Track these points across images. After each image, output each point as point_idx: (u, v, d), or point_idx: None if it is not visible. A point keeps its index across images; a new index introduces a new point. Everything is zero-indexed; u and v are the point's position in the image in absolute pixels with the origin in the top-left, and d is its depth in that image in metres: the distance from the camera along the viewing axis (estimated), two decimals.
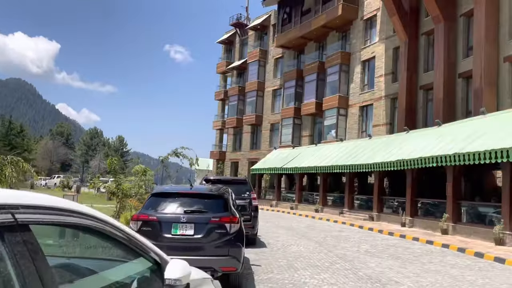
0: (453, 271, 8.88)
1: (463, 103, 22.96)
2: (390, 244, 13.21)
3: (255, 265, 8.44)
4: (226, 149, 49.70)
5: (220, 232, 6.00)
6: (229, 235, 6.00)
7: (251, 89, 44.21)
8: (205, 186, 7.71)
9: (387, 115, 28.54)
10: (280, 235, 14.11)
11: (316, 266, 8.62)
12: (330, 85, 34.06)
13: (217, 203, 6.31)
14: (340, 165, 24.01)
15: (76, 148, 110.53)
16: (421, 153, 17.80)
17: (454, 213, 16.37)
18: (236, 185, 11.14)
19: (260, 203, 34.51)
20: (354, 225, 19.27)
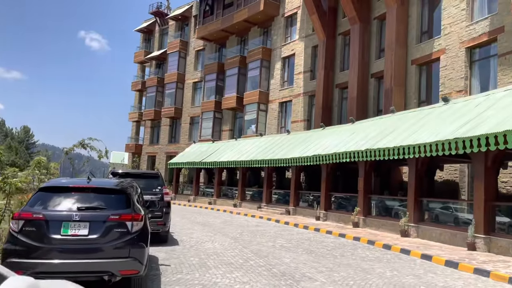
0: (364, 264, 9.02)
1: (374, 102, 24.13)
2: (305, 238, 13.29)
3: (164, 265, 7.81)
4: (143, 142, 47.71)
5: (120, 231, 5.31)
6: (131, 235, 5.35)
7: (170, 81, 42.78)
8: (105, 180, 6.91)
9: (305, 112, 29.18)
10: (195, 231, 13.55)
11: (230, 264, 8.23)
12: (251, 80, 34.05)
13: (118, 199, 5.60)
14: (259, 160, 23.99)
15: None
16: (336, 148, 18.28)
17: (364, 207, 17.02)
18: (147, 179, 10.37)
19: (178, 199, 33.67)
20: (271, 219, 19.31)
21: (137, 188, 6.63)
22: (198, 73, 41.00)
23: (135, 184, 6.67)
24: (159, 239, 10.56)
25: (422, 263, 9.65)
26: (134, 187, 6.24)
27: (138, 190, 6.85)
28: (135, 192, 6.17)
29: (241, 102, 34.14)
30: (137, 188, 6.63)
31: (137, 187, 6.66)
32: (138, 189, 6.82)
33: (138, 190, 6.79)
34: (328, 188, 19.89)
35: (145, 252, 5.45)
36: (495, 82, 17.17)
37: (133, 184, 6.35)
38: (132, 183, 6.47)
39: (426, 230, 13.73)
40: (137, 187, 6.76)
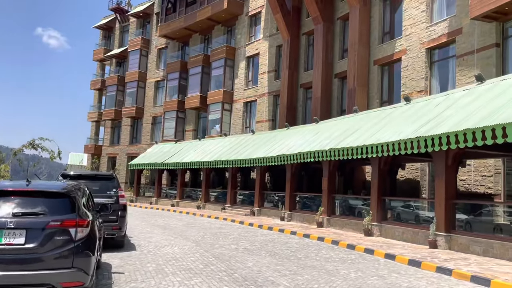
0: (328, 266, 8.81)
1: (338, 102, 24.25)
2: (269, 239, 13.00)
3: (118, 273, 7.28)
4: (103, 143, 46.13)
5: (62, 239, 4.79)
6: (74, 242, 4.83)
7: (131, 80, 41.57)
8: (47, 183, 6.31)
9: (270, 112, 29.00)
10: (154, 235, 12.98)
11: (189, 270, 7.79)
12: (215, 79, 33.55)
13: (61, 203, 5.06)
14: (223, 160, 23.56)
15: None
16: (300, 148, 18.14)
17: (328, 206, 16.96)
18: (100, 181, 9.74)
19: (140, 201, 32.69)
20: (235, 221, 18.93)
21: (85, 190, 6.09)
22: (161, 72, 40.06)
23: (83, 187, 6.13)
24: (114, 245, 9.97)
25: (386, 262, 9.56)
26: (81, 190, 5.71)
27: (87, 193, 6.31)
28: (82, 195, 5.64)
29: (204, 102, 33.58)
30: (85, 190, 6.09)
31: (85, 190, 6.12)
32: (86, 192, 6.27)
33: (86, 193, 6.25)
34: (293, 188, 19.74)
35: (91, 261, 4.94)
36: (453, 83, 17.55)
37: (80, 187, 5.81)
38: (80, 185, 5.92)
39: (389, 229, 13.77)
40: (85, 190, 6.21)
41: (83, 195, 5.64)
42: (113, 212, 9.54)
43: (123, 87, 43.11)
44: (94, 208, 7.13)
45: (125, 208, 9.76)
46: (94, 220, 5.84)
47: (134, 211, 24.24)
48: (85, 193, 5.95)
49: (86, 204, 6.31)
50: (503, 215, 12.48)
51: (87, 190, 6.43)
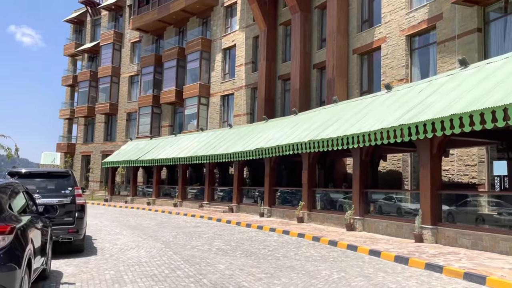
0: (309, 266, 8.04)
1: (317, 93, 23.56)
2: (246, 237, 12.18)
3: (67, 284, 6.33)
4: (76, 141, 44.48)
5: None
6: None
7: (104, 75, 40.07)
8: None
9: (248, 105, 28.15)
10: (122, 236, 11.99)
11: (152, 276, 6.89)
12: (190, 72, 32.48)
13: None
14: (199, 156, 22.61)
15: None
16: (278, 141, 17.36)
17: (309, 201, 16.25)
18: (54, 178, 8.72)
19: (114, 200, 31.39)
20: (212, 218, 18.05)
21: (14, 190, 5.11)
22: (135, 66, 38.70)
23: (15, 186, 5.14)
24: (72, 249, 8.98)
25: (371, 260, 8.86)
26: (8, 190, 4.73)
27: (19, 193, 5.32)
28: (9, 197, 4.67)
29: (180, 96, 32.49)
30: (14, 190, 5.11)
31: (15, 190, 5.13)
32: (18, 191, 5.29)
33: (18, 193, 5.27)
34: (272, 183, 18.97)
35: (16, 276, 4.01)
36: (435, 70, 17.02)
37: (7, 186, 4.83)
38: (8, 184, 4.94)
39: (372, 222, 13.13)
40: (17, 190, 5.23)
41: (10, 196, 4.68)
42: (69, 214, 8.54)
43: (96, 83, 41.58)
44: (36, 210, 6.16)
45: (83, 208, 8.76)
46: (29, 225, 4.90)
47: (107, 210, 23.10)
48: (14, 193, 4.98)
49: (24, 206, 5.36)
50: (487, 205, 11.96)
51: (21, 189, 5.45)
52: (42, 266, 6.04)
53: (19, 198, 5.23)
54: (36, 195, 8.31)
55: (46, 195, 8.38)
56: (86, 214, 9.03)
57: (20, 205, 5.23)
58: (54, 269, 7.33)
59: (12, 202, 4.73)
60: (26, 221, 4.86)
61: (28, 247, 4.45)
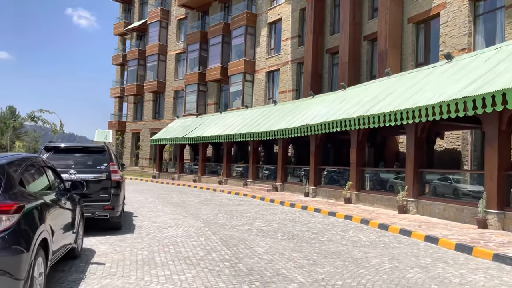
0: (356, 252, 7.29)
1: (368, 67, 22.18)
2: (289, 218, 11.56)
3: (97, 264, 6.01)
4: (127, 119, 45.51)
5: None
6: None
7: (152, 53, 40.32)
8: None
9: (293, 81, 27.18)
10: (163, 214, 11.76)
11: (185, 259, 6.44)
12: (235, 48, 31.82)
13: None
14: (243, 133, 22.13)
15: None
16: (325, 117, 16.44)
17: (357, 181, 15.32)
18: (90, 154, 8.45)
19: (162, 177, 31.80)
20: (256, 197, 17.59)
21: (33, 165, 4.70)
22: (181, 44, 38.58)
23: (32, 161, 4.72)
24: (109, 227, 8.77)
25: (427, 247, 7.95)
26: (22, 165, 4.31)
27: (38, 167, 4.93)
28: (23, 172, 4.25)
29: (226, 73, 32.02)
30: (33, 165, 4.70)
31: (33, 164, 4.72)
32: (38, 166, 4.89)
33: (38, 168, 4.89)
34: (318, 162, 18.14)
35: (22, 260, 3.60)
36: (502, 37, 15.25)
37: (21, 161, 4.40)
38: (24, 158, 4.52)
39: (427, 205, 12.06)
40: (36, 164, 4.82)
41: (23, 172, 4.26)
42: (105, 190, 8.27)
43: (144, 61, 42.00)
44: (63, 186, 5.83)
45: (119, 185, 8.46)
46: (47, 203, 4.50)
47: (154, 187, 23.34)
48: (30, 169, 4.56)
49: (45, 182, 4.99)
50: None
51: (41, 164, 5.06)
52: (70, 245, 5.73)
53: (38, 174, 4.85)
54: (72, 171, 8.10)
55: (81, 170, 8.15)
56: (122, 191, 8.75)
57: (40, 181, 4.87)
58: (88, 247, 7.09)
59: (27, 178, 4.34)
60: (43, 199, 4.46)
61: (41, 227, 4.04)
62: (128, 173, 36.30)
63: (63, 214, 5.24)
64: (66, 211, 5.45)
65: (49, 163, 5.44)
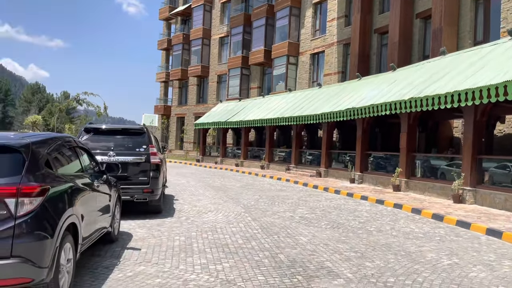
0: (409, 245, 6.67)
1: (419, 46, 20.85)
2: (334, 205, 11.01)
3: (133, 249, 5.80)
4: (172, 103, 46.11)
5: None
6: (14, 220, 3.26)
7: (196, 37, 40.33)
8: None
9: (339, 63, 26.16)
10: (204, 198, 11.56)
11: (223, 246, 6.12)
12: (279, 30, 31.06)
13: (5, 161, 3.48)
14: (286, 117, 21.58)
15: (16, 105, 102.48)
16: (373, 100, 15.57)
17: (407, 167, 14.44)
18: (129, 136, 8.28)
19: (205, 161, 31.95)
20: (298, 182, 17.10)
21: (63, 145, 4.44)
22: (225, 27, 38.26)
23: (62, 141, 4.46)
24: (149, 210, 8.63)
25: (489, 241, 7.18)
26: (50, 145, 4.04)
27: (69, 148, 4.69)
28: (50, 152, 4.01)
29: (269, 56, 31.41)
30: (63, 145, 4.44)
31: (63, 145, 4.46)
32: (68, 147, 4.65)
33: (69, 148, 4.66)
34: (365, 147, 17.32)
35: (46, 246, 3.36)
36: None
37: (48, 140, 4.14)
38: (52, 138, 4.26)
39: (487, 195, 11.09)
40: (66, 145, 4.55)
41: (51, 152, 4.00)
42: (144, 173, 8.10)
43: (188, 46, 42.14)
44: (98, 168, 5.62)
45: (158, 168, 8.26)
46: (77, 186, 4.26)
47: (197, 171, 23.41)
48: (59, 149, 4.32)
49: (77, 164, 4.77)
50: None
51: (73, 145, 4.81)
52: (105, 230, 5.55)
53: (68, 155, 4.62)
54: (111, 153, 7.97)
55: (120, 153, 8.00)
56: (161, 174, 8.55)
57: (70, 163, 4.64)
58: (125, 231, 6.94)
59: (55, 159, 4.10)
60: (73, 181, 4.23)
61: (68, 211, 3.80)
62: (172, 157, 36.85)
63: (96, 197, 5.02)
64: (100, 194, 5.24)
65: (82, 144, 5.23)
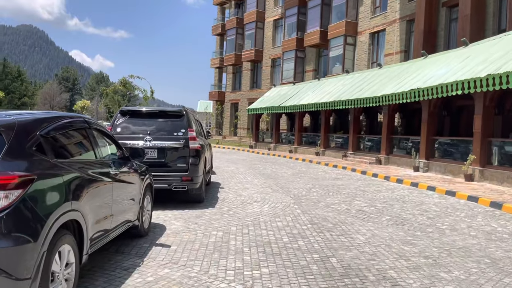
0: (493, 249, 5.44)
1: (495, 19, 18.54)
2: (396, 197, 9.78)
3: (162, 246, 5.10)
4: (226, 89, 45.81)
5: None
6: None
7: (249, 20, 39.46)
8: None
9: (402, 41, 24.16)
10: (251, 186, 10.78)
11: (265, 245, 5.26)
12: (336, 9, 29.37)
13: None
14: (343, 100, 20.23)
15: (83, 94, 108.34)
16: (442, 79, 13.90)
17: (482, 154, 12.73)
18: (166, 119, 7.60)
19: (258, 147, 31.26)
20: (356, 170, 15.85)
21: (65, 127, 3.71)
22: (279, 9, 37.03)
23: (66, 121, 3.74)
24: (189, 199, 7.97)
25: None
26: (48, 126, 3.33)
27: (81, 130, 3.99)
28: (50, 133, 3.31)
29: (325, 37, 29.85)
30: (65, 127, 3.71)
31: (67, 126, 3.73)
32: (77, 128, 3.94)
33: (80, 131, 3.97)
34: (431, 131, 15.67)
35: (25, 252, 2.65)
36: None
37: (49, 118, 3.45)
38: (53, 117, 3.57)
39: None
40: (70, 126, 3.82)
41: (49, 133, 3.30)
42: (183, 159, 7.41)
43: (242, 30, 41.42)
44: (122, 153, 4.94)
45: (198, 154, 7.54)
46: (83, 176, 3.55)
47: (248, 157, 22.77)
48: (65, 130, 3.64)
49: (93, 148, 4.09)
50: None
51: (84, 126, 4.09)
52: (129, 224, 4.88)
53: (76, 138, 3.93)
54: (148, 137, 7.36)
55: (157, 137, 7.36)
56: (202, 161, 7.82)
57: (80, 148, 3.97)
58: (160, 223, 6.30)
59: (54, 143, 3.40)
60: (79, 170, 3.53)
61: (63, 206, 3.08)
62: (226, 143, 36.57)
63: (116, 188, 4.33)
64: (122, 184, 4.56)
65: (99, 126, 4.54)
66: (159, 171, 7.18)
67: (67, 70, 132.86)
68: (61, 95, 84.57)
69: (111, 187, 4.18)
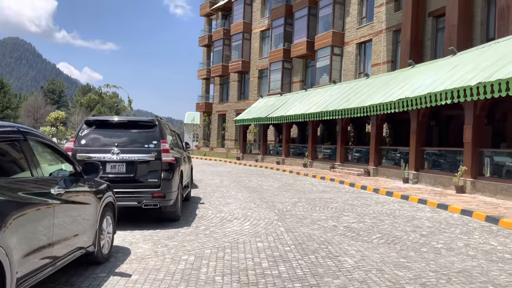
0: (496, 273, 4.88)
1: (482, 28, 18.35)
2: (387, 211, 9.23)
3: (121, 275, 4.44)
4: (213, 100, 45.26)
5: None
6: None
7: (236, 31, 39.15)
8: None
9: (389, 51, 23.94)
10: (234, 201, 10.14)
11: (240, 272, 4.62)
12: (323, 20, 29.16)
13: None
14: (330, 111, 19.78)
15: (69, 106, 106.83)
16: (430, 88, 13.53)
17: (473, 165, 12.31)
18: (137, 130, 6.97)
19: (246, 158, 30.63)
20: (344, 182, 15.32)
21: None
22: (266, 20, 36.79)
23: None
24: (163, 217, 7.31)
25: None
26: None
27: (9, 142, 3.38)
28: None
29: (312, 48, 29.59)
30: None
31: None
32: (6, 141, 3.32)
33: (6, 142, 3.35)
34: (420, 142, 15.25)
35: None
36: None
37: None
38: None
39: None
40: (2, 136, 3.21)
41: None
42: (154, 174, 6.77)
43: (229, 41, 41.07)
44: (73, 169, 4.30)
45: (172, 167, 6.90)
46: (6, 199, 2.92)
47: (234, 169, 22.14)
48: None
49: (29, 165, 3.44)
50: None
51: (16, 137, 3.47)
52: (81, 251, 4.22)
53: (6, 154, 3.30)
54: (115, 149, 6.72)
55: (126, 149, 6.72)
56: (177, 175, 7.18)
57: (9, 164, 3.32)
58: (125, 246, 5.63)
59: None
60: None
61: None
62: (214, 155, 35.88)
63: (60, 210, 3.68)
64: (69, 206, 3.91)
65: (42, 137, 3.90)
66: (127, 187, 6.54)
67: (53, 82, 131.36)
68: (45, 107, 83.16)
69: (51, 211, 3.51)
